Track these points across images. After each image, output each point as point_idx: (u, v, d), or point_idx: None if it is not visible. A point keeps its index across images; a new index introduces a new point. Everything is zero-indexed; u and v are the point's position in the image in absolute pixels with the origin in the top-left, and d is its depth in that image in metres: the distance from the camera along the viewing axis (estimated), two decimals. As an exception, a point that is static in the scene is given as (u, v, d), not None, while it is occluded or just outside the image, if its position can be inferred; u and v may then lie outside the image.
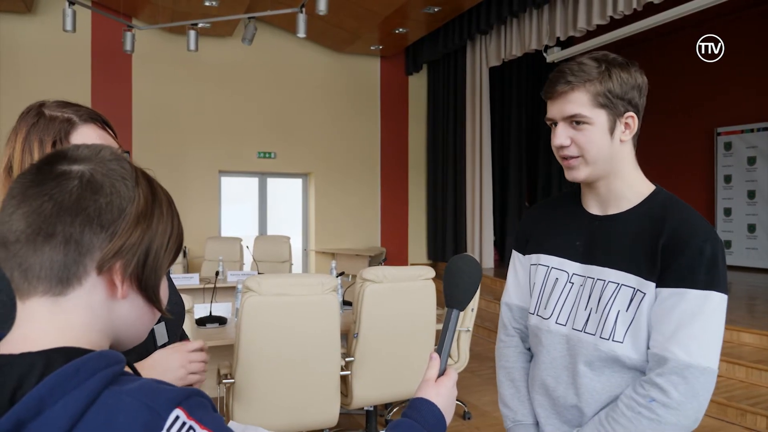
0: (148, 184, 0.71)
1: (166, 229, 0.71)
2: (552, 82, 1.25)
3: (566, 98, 1.22)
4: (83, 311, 0.66)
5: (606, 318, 1.21)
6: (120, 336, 0.72)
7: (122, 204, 0.66)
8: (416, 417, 0.88)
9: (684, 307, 1.13)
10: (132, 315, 0.71)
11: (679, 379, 1.11)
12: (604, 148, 1.22)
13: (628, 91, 1.21)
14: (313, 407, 2.81)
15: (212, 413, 0.63)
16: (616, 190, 1.27)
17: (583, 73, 1.21)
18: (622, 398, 1.17)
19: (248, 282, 2.63)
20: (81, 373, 0.58)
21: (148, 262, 0.68)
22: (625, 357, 1.19)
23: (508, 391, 1.43)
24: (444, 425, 0.90)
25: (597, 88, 1.20)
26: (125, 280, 0.67)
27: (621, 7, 6.12)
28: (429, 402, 0.90)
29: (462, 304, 1.01)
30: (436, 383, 0.94)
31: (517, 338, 1.47)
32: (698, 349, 1.12)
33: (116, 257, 0.65)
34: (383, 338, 3.11)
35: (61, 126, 1.11)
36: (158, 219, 0.70)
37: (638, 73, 1.24)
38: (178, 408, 0.59)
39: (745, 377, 4.40)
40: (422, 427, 0.86)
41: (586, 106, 1.20)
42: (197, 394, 0.63)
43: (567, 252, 1.33)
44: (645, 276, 1.18)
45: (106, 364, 0.60)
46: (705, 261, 1.14)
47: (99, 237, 0.64)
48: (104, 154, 0.69)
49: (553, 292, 1.32)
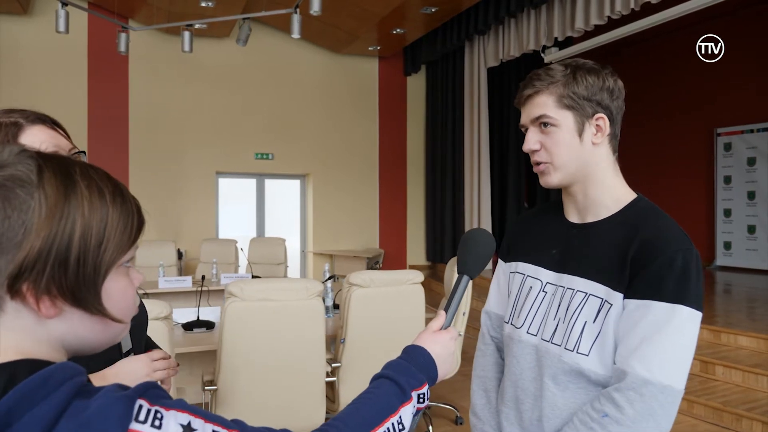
0: (58, 173, 0.62)
1: (93, 219, 0.62)
2: (521, 88, 1.25)
3: (533, 102, 1.22)
4: (20, 333, 0.62)
5: (572, 328, 1.16)
6: (76, 350, 0.67)
7: (22, 218, 0.59)
8: (404, 357, 0.91)
9: (649, 320, 1.08)
10: (77, 330, 0.65)
11: (635, 396, 1.05)
12: (572, 150, 1.19)
13: (595, 93, 1.18)
14: (298, 414, 2.77)
15: (171, 399, 0.63)
16: (593, 196, 1.23)
17: (549, 77, 1.20)
18: (578, 412, 1.13)
19: (230, 287, 2.60)
20: (49, 384, 0.56)
21: (70, 269, 0.61)
22: (590, 371, 1.14)
23: (480, 401, 1.40)
24: (435, 369, 0.92)
25: (561, 90, 1.19)
26: (43, 299, 0.61)
27: (619, 7, 6.07)
28: (419, 347, 0.94)
29: (472, 271, 1.06)
30: (433, 333, 0.97)
31: (494, 347, 1.43)
32: (659, 365, 1.06)
33: (19, 279, 0.59)
34: (371, 343, 3.07)
35: (8, 130, 1.09)
36: (76, 212, 0.61)
37: (609, 76, 1.21)
38: (139, 399, 0.59)
39: (741, 381, 4.35)
40: (410, 364, 0.89)
41: (552, 108, 1.19)
42: (153, 387, 0.62)
43: (542, 260, 1.29)
44: (614, 286, 1.14)
45: (71, 374, 0.58)
46: (675, 272, 1.09)
47: (4, 259, 0.59)
48: None
49: (526, 301, 1.29)
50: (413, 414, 0.85)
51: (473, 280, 1.09)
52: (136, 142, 8.41)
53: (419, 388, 0.86)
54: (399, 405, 0.82)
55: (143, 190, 8.38)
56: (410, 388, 0.85)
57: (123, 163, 8.33)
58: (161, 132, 8.54)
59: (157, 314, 2.18)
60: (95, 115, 8.18)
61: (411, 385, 0.85)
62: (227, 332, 2.60)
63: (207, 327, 3.48)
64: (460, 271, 1.07)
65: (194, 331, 3.44)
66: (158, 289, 5.04)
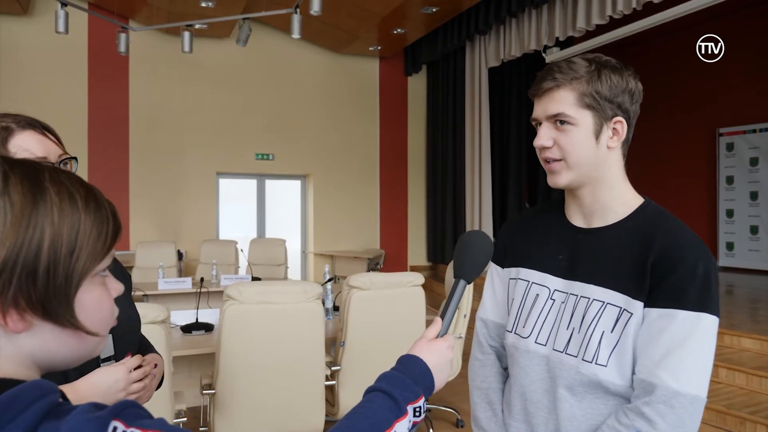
0: (25, 179, 0.59)
1: (64, 227, 0.59)
2: (539, 79, 1.18)
3: (551, 96, 1.15)
4: None
5: (589, 339, 1.12)
6: (48, 366, 0.64)
7: None
8: (399, 368, 0.88)
9: (674, 330, 1.05)
10: (49, 345, 0.62)
11: (666, 409, 1.02)
12: (588, 152, 1.15)
13: (618, 95, 1.13)
14: (297, 417, 2.74)
15: (151, 419, 0.59)
16: (602, 200, 1.19)
17: (571, 71, 1.14)
18: (604, 428, 1.09)
19: (229, 290, 2.57)
20: (16, 405, 0.53)
21: (39, 280, 0.58)
22: (608, 382, 1.10)
23: (484, 414, 1.34)
24: (431, 380, 0.89)
25: (584, 88, 1.13)
26: (10, 312, 0.57)
27: (620, 6, 6.04)
28: (415, 357, 0.90)
29: (468, 275, 1.02)
30: (429, 342, 0.94)
31: (494, 357, 1.37)
32: (688, 375, 1.03)
33: None
34: (371, 346, 3.04)
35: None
36: (45, 219, 0.58)
37: (631, 77, 1.16)
38: (114, 420, 0.56)
39: (745, 384, 4.32)
40: (405, 376, 0.86)
41: (571, 106, 1.13)
42: (132, 406, 0.59)
43: (549, 266, 1.24)
44: (632, 295, 1.10)
45: (41, 394, 0.55)
46: (697, 280, 1.06)
47: None
48: None
49: (533, 309, 1.24)
50: (409, 429, 0.81)
51: (474, 281, 1.06)
52: (136, 143, 8.39)
53: (415, 401, 0.83)
54: (394, 420, 0.79)
55: (143, 190, 8.37)
56: (405, 402, 0.82)
57: (123, 164, 8.31)
58: (161, 132, 8.52)
59: (153, 318, 2.16)
60: (95, 116, 8.16)
61: (406, 398, 0.82)
62: (225, 335, 2.57)
63: (206, 329, 3.45)
64: (456, 276, 1.03)
65: (193, 334, 3.42)
66: (158, 290, 5.01)
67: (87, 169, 7.87)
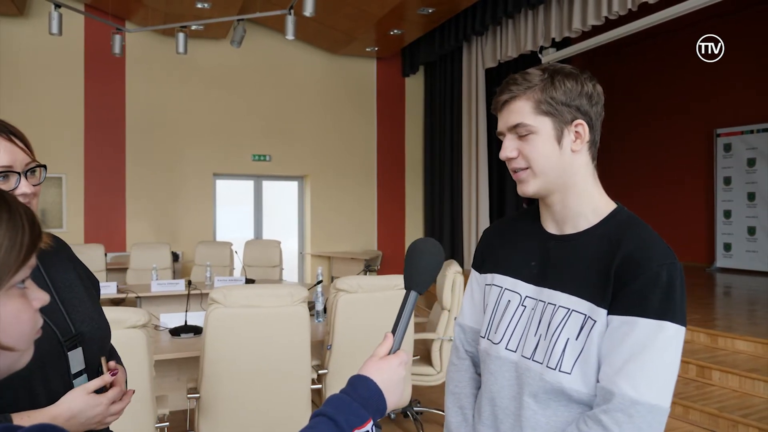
0: None
1: None
2: (497, 94, 1.20)
3: (510, 108, 1.17)
4: None
5: (554, 346, 1.12)
6: None
7: None
8: (347, 390, 0.85)
9: (635, 338, 1.04)
10: None
11: (624, 417, 1.01)
12: (551, 158, 1.15)
13: (574, 98, 1.14)
14: (283, 422, 2.73)
15: None
16: (572, 206, 1.19)
17: (526, 81, 1.16)
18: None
19: (213, 294, 2.56)
20: None
21: None
22: (572, 390, 1.09)
23: (455, 419, 1.34)
24: (382, 401, 0.86)
25: (539, 96, 1.14)
26: None
27: (616, 7, 6.03)
28: (364, 377, 0.87)
29: (419, 285, 0.98)
30: (379, 360, 0.91)
31: (469, 362, 1.37)
32: (647, 384, 1.02)
33: None
34: (358, 350, 3.03)
35: None
36: None
37: (588, 80, 1.17)
38: None
39: (738, 386, 4.30)
40: (353, 400, 0.83)
41: (529, 114, 1.14)
42: (52, 429, 0.57)
43: (521, 273, 1.24)
44: (597, 302, 1.09)
45: None
46: (660, 288, 1.05)
47: None
48: None
49: (504, 315, 1.24)
50: None
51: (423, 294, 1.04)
52: (132, 144, 8.38)
53: (361, 426, 0.81)
54: None
55: (140, 191, 8.36)
56: (350, 427, 0.79)
57: (120, 165, 8.30)
58: (158, 133, 8.52)
59: (134, 322, 2.14)
60: (92, 117, 8.16)
61: (351, 423, 0.80)
62: (210, 339, 2.56)
63: (195, 332, 3.44)
64: (407, 287, 0.99)
65: (182, 337, 3.41)
66: (151, 292, 5.01)
67: (83, 171, 7.87)
